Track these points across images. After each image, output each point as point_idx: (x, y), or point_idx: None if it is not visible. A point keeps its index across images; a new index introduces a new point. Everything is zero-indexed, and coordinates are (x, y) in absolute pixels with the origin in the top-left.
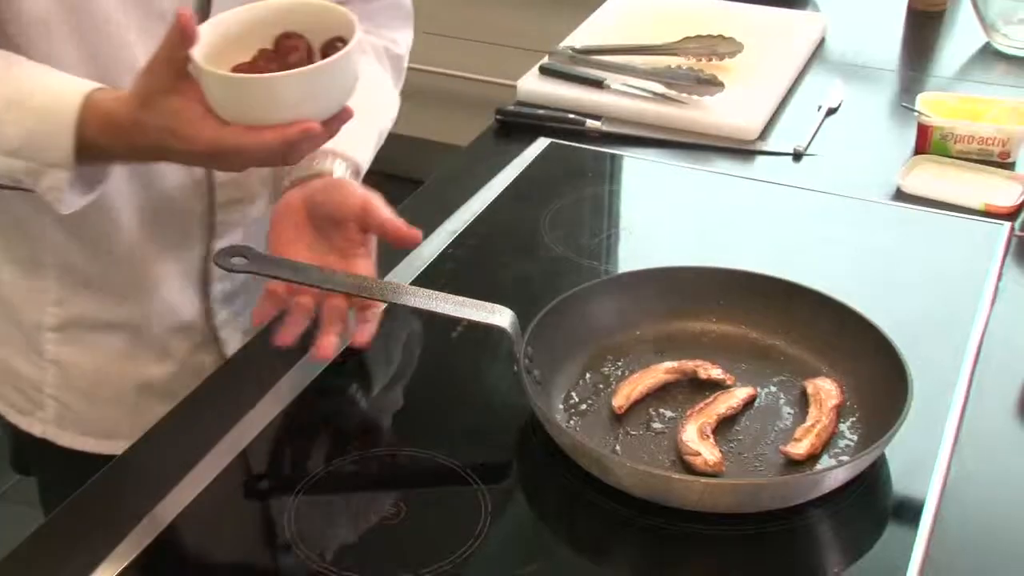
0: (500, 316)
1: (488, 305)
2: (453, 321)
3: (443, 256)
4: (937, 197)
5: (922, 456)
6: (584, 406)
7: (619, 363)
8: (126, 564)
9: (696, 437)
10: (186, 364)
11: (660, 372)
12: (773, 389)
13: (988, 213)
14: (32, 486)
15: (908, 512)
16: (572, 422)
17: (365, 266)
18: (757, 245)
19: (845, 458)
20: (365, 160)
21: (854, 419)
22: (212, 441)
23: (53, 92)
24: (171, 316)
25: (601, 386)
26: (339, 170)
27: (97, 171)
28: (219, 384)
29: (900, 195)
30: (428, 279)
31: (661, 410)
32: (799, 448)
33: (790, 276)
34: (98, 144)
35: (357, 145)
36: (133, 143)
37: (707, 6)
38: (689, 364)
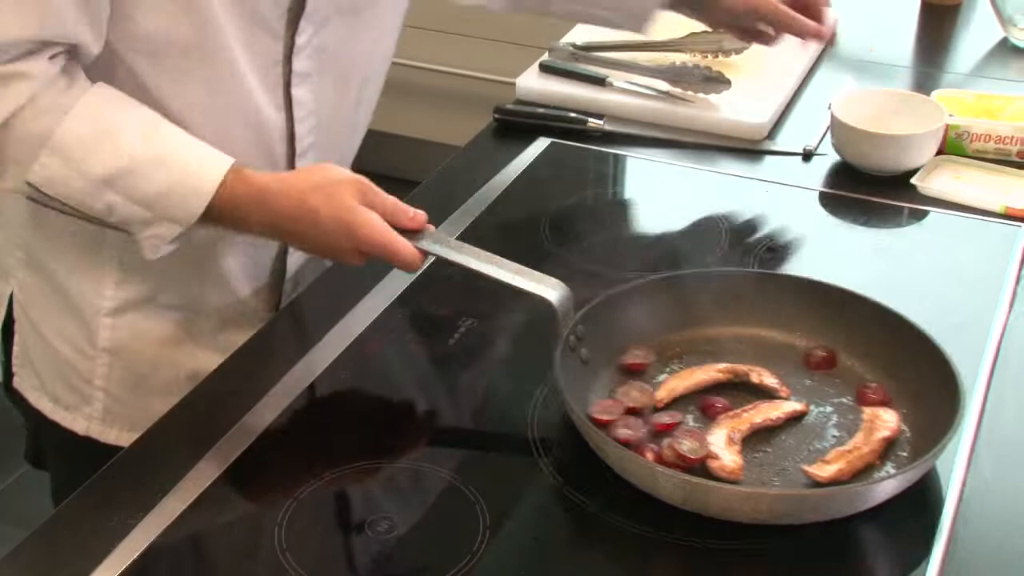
0: (549, 289)
1: (540, 275)
2: (451, 327)
3: (440, 260)
4: (954, 199)
5: (937, 465)
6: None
7: (678, 361)
8: None
9: (722, 442)
10: None
11: (712, 370)
12: (828, 410)
13: (1007, 216)
14: (11, 500)
15: (922, 525)
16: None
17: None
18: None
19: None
20: None
21: (904, 453)
22: (202, 451)
23: (201, 155)
24: (232, 300)
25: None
26: None
27: (193, 231)
28: (211, 391)
29: (916, 196)
30: (426, 283)
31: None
32: (824, 471)
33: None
34: (224, 212)
35: None
36: (273, 213)
37: None
38: (743, 367)
